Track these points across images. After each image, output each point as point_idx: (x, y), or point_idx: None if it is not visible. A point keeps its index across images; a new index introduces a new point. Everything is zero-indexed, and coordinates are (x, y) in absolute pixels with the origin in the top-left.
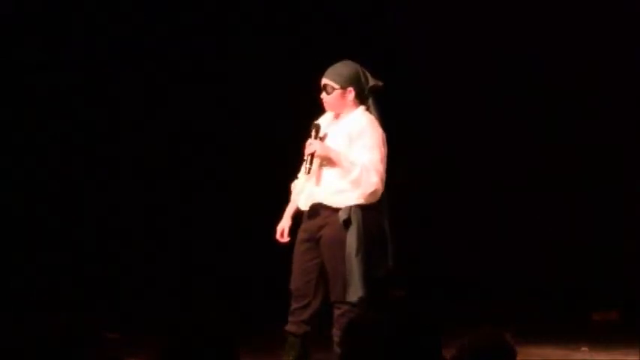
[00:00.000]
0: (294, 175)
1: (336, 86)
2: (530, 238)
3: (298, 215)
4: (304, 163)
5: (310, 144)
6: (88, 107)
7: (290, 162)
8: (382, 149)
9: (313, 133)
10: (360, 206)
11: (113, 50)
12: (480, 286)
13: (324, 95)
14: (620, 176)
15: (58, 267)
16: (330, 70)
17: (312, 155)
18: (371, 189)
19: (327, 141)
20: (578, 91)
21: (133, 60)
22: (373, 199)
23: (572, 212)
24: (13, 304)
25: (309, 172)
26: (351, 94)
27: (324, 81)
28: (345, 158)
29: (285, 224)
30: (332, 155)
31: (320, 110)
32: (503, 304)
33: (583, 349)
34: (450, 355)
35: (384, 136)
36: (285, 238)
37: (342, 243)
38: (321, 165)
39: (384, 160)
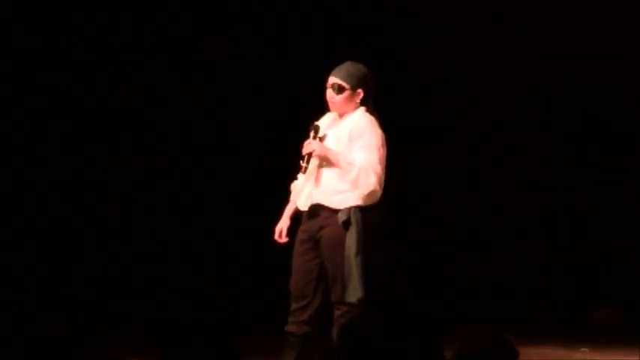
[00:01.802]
0: (294, 175)
1: (347, 87)
2: (530, 238)
3: (297, 215)
4: (301, 162)
5: (309, 143)
6: (88, 107)
7: (290, 162)
8: (381, 150)
9: (312, 134)
10: (359, 207)
11: (113, 50)
12: (480, 286)
13: (332, 94)
14: (621, 176)
15: (58, 267)
16: (342, 70)
17: (310, 155)
18: (369, 189)
19: (328, 141)
20: (579, 90)
21: (132, 60)
22: (372, 200)
23: (572, 212)
24: (13, 304)
25: (305, 172)
26: (360, 95)
27: (335, 80)
28: (344, 158)
29: (283, 224)
30: (330, 155)
31: (320, 110)
32: (503, 304)
33: (583, 349)
34: (450, 356)
35: (384, 137)
36: (284, 239)
37: (341, 244)
38: (320, 165)
39: (383, 160)
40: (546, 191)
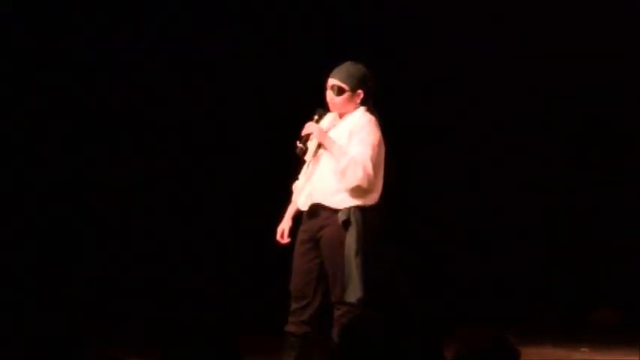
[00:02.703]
0: (294, 176)
1: (347, 88)
2: (530, 238)
3: (299, 216)
4: (299, 142)
5: (309, 126)
6: (88, 107)
7: (290, 162)
8: (377, 149)
9: (316, 117)
10: (359, 207)
11: (113, 50)
12: (480, 286)
13: (331, 96)
14: (621, 176)
15: (58, 267)
16: (341, 71)
17: (308, 137)
18: (354, 183)
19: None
20: (579, 90)
21: (132, 60)
22: (368, 200)
23: (572, 212)
24: (13, 304)
25: (300, 152)
26: (360, 96)
27: (334, 81)
28: (339, 148)
29: (285, 225)
30: (326, 142)
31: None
32: (503, 304)
33: (583, 349)
34: (450, 356)
35: (382, 138)
36: (286, 240)
37: (341, 244)
38: (320, 165)
39: (376, 159)
40: (546, 191)
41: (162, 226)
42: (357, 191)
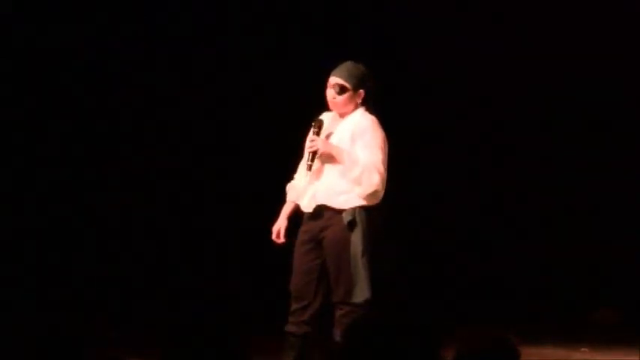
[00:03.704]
0: (291, 176)
1: (349, 87)
2: (530, 238)
3: (295, 216)
4: (306, 160)
5: (312, 141)
6: (88, 107)
7: (290, 162)
8: (384, 149)
9: (316, 130)
10: (364, 207)
11: (113, 50)
12: (480, 286)
13: (333, 94)
14: (621, 176)
15: (58, 267)
16: (343, 70)
17: (315, 153)
18: (371, 189)
19: (332, 139)
20: (579, 90)
21: (132, 60)
22: (374, 200)
23: (572, 212)
24: (13, 304)
25: (309, 170)
26: (361, 96)
27: (337, 80)
28: (348, 155)
29: (281, 225)
30: (334, 152)
31: (320, 110)
32: (503, 304)
33: (583, 349)
34: (451, 356)
35: (385, 137)
36: (282, 239)
37: (346, 244)
38: (323, 162)
39: (385, 161)
40: (546, 191)
41: (162, 226)
42: (359, 190)
